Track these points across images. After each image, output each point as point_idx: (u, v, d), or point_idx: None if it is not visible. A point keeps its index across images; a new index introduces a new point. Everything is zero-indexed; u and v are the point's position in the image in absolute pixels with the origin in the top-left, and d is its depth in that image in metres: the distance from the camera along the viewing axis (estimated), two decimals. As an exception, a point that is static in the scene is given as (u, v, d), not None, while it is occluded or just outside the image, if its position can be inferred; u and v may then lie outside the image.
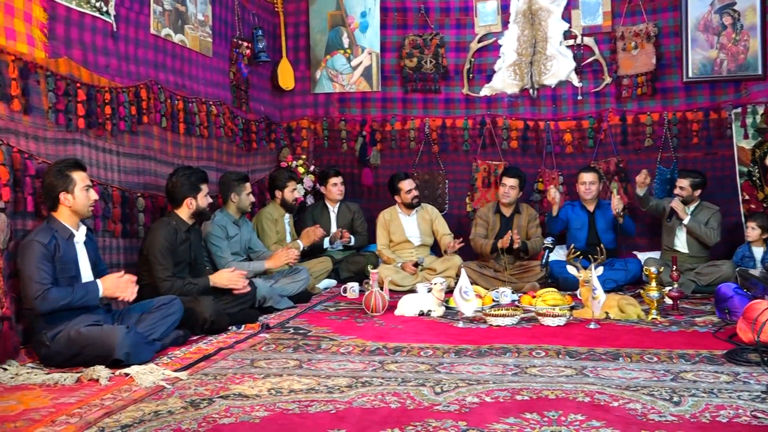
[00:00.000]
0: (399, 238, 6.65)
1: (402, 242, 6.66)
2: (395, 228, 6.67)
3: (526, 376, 3.37)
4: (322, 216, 6.96)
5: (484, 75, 7.40)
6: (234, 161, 6.53)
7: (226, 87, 6.51)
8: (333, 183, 6.94)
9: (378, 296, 5.17)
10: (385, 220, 6.72)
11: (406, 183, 6.63)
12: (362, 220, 7.06)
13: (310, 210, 7.07)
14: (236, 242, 5.57)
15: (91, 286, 3.85)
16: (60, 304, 3.69)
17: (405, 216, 6.70)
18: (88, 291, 3.82)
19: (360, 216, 7.06)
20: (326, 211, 7.02)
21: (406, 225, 6.69)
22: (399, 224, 6.68)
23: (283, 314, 5.19)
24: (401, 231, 6.66)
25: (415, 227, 6.70)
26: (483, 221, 6.60)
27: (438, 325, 4.76)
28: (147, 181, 5.14)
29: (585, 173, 6.47)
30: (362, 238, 6.99)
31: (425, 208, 6.79)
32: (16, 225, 3.86)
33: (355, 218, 7.03)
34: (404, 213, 6.70)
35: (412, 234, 6.68)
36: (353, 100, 7.70)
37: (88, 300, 3.80)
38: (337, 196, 6.97)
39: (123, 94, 4.87)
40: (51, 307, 3.67)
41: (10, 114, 3.88)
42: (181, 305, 4.22)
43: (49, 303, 3.66)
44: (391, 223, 6.69)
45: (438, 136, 7.48)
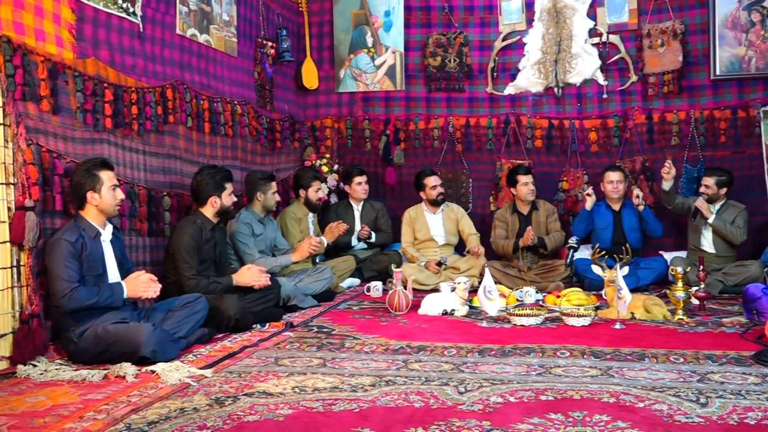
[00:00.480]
0: (423, 236, 6.65)
1: (426, 240, 6.65)
2: (420, 226, 6.67)
3: (550, 377, 3.35)
4: (346, 214, 6.97)
5: (509, 73, 7.37)
6: (258, 160, 6.57)
7: (251, 87, 6.54)
8: (357, 182, 6.96)
9: (401, 295, 5.17)
10: (410, 218, 6.71)
11: (432, 179, 6.64)
12: (386, 218, 7.07)
13: (334, 208, 7.09)
14: (261, 240, 5.60)
15: (117, 287, 3.89)
16: (86, 304, 3.74)
17: (430, 214, 6.70)
18: (113, 292, 3.86)
19: (384, 214, 7.07)
20: (350, 209, 7.04)
21: (431, 223, 6.68)
22: (424, 222, 6.68)
23: (307, 313, 5.21)
24: (426, 229, 6.66)
25: (440, 226, 6.69)
26: (502, 222, 6.57)
27: (462, 324, 4.75)
28: (173, 180, 5.19)
29: (612, 172, 6.42)
30: (386, 236, 6.99)
31: (451, 207, 6.78)
32: (44, 223, 3.91)
33: (379, 216, 7.03)
34: (430, 211, 6.70)
35: (436, 232, 6.67)
36: (377, 99, 7.70)
37: (113, 301, 3.85)
38: (362, 195, 6.98)
39: (149, 94, 4.92)
40: (77, 305, 3.72)
41: (39, 114, 3.93)
42: (206, 303, 4.26)
43: (75, 302, 3.71)
44: (417, 221, 6.68)
45: (462, 135, 7.46)
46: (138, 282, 3.96)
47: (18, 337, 3.67)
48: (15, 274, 3.71)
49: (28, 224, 3.71)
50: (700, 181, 6.33)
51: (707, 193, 6.10)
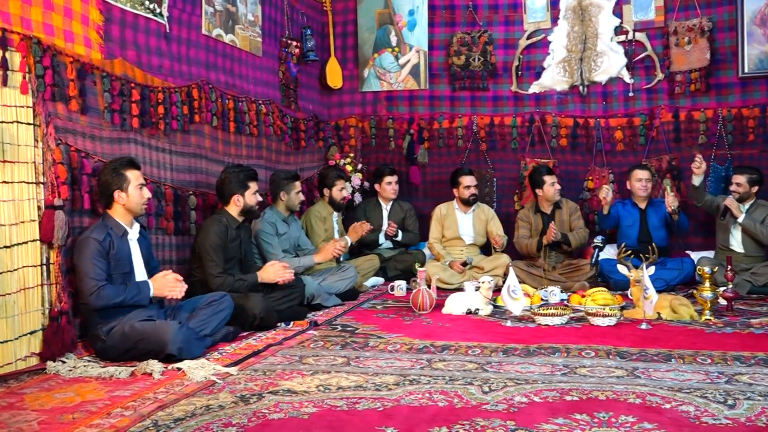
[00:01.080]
0: (452, 234, 6.64)
1: (454, 239, 6.65)
2: (450, 223, 6.66)
3: (575, 377, 3.33)
4: (374, 213, 6.99)
5: (533, 72, 7.34)
6: (283, 159, 6.60)
7: (276, 86, 6.57)
8: (388, 181, 6.97)
9: (425, 294, 5.17)
10: (441, 214, 6.71)
11: (467, 179, 6.63)
12: (413, 219, 7.07)
13: (362, 207, 7.10)
14: (285, 240, 5.62)
15: (143, 286, 3.94)
16: (113, 302, 3.78)
17: (461, 213, 6.69)
18: (140, 290, 3.90)
19: (412, 215, 7.07)
20: (379, 208, 7.05)
21: (461, 221, 6.67)
22: (454, 220, 6.67)
23: (331, 312, 5.22)
24: (455, 227, 6.65)
25: (469, 225, 6.68)
26: (525, 222, 6.54)
27: (486, 323, 4.74)
28: (198, 179, 5.23)
29: (639, 170, 6.36)
30: (412, 237, 6.99)
31: (482, 208, 6.77)
32: (73, 222, 3.96)
33: (407, 216, 7.04)
34: (461, 209, 6.69)
35: (465, 232, 6.66)
36: (401, 99, 7.71)
37: (140, 299, 3.89)
38: (391, 194, 6.99)
39: (175, 94, 4.96)
40: (104, 303, 3.76)
41: (68, 114, 3.99)
42: (232, 301, 4.29)
43: (102, 300, 3.75)
44: (447, 218, 6.68)
45: (486, 134, 7.44)
46: (165, 281, 4.00)
47: (47, 334, 3.73)
48: (44, 272, 3.77)
49: (57, 223, 3.77)
50: (728, 181, 6.26)
51: (738, 192, 6.02)
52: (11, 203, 3.59)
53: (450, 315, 5.05)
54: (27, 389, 3.29)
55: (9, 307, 3.55)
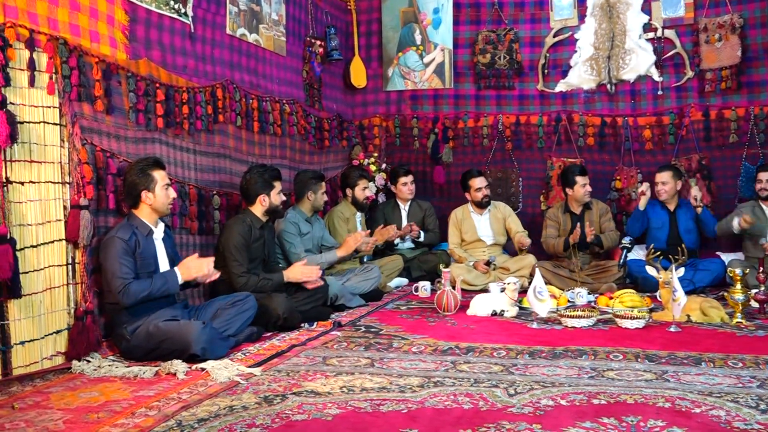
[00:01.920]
0: (471, 237, 6.62)
1: (474, 241, 6.62)
2: (467, 227, 6.63)
3: (603, 380, 3.30)
4: (393, 214, 6.99)
5: (560, 70, 7.29)
6: (306, 159, 6.62)
7: (299, 86, 6.60)
8: (403, 182, 6.96)
9: (450, 295, 5.16)
10: (457, 219, 6.69)
11: (477, 180, 6.59)
12: (434, 218, 7.05)
13: (381, 208, 7.11)
14: (308, 239, 5.64)
15: (170, 275, 3.97)
16: (141, 296, 3.82)
17: (477, 215, 6.66)
18: (167, 279, 3.93)
19: (431, 213, 7.06)
20: (397, 209, 7.05)
21: (478, 224, 6.64)
22: (471, 223, 6.64)
23: (355, 312, 5.23)
24: (473, 230, 6.62)
25: (487, 226, 6.65)
26: (553, 222, 6.50)
27: (511, 325, 4.72)
28: (222, 179, 5.26)
29: (659, 172, 6.29)
30: (433, 236, 6.98)
31: (497, 207, 6.74)
32: (98, 222, 4.01)
33: (427, 216, 7.03)
34: (476, 212, 6.66)
35: (484, 233, 6.64)
36: (425, 98, 7.70)
37: (168, 288, 3.92)
38: (407, 195, 6.99)
39: (200, 94, 5.00)
40: (133, 299, 3.80)
41: (93, 114, 4.03)
42: (255, 302, 4.31)
43: (131, 296, 3.79)
44: (463, 222, 6.65)
45: (512, 133, 7.41)
46: (190, 264, 4.02)
47: (73, 334, 3.77)
48: (70, 272, 3.81)
49: (83, 222, 3.81)
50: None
51: (766, 189, 5.94)
52: (38, 203, 3.64)
53: (475, 316, 5.04)
54: (53, 388, 3.33)
55: (35, 307, 3.60)
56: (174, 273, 3.98)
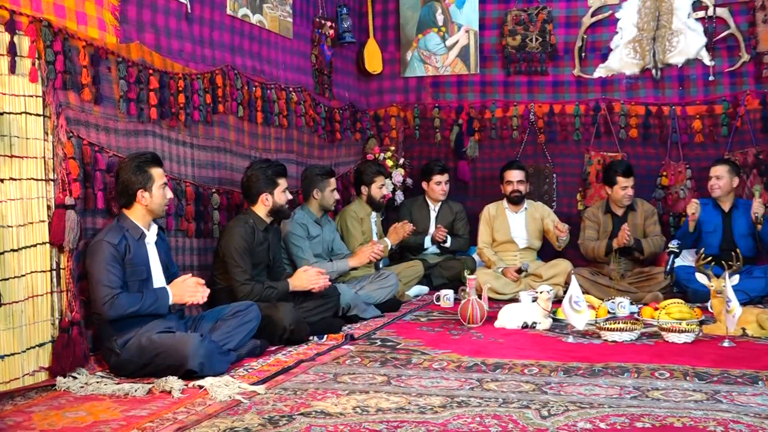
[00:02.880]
0: (503, 237, 6.61)
1: (505, 242, 6.61)
2: (500, 225, 6.63)
3: (647, 401, 3.29)
4: (420, 214, 6.99)
5: (599, 54, 7.26)
6: (316, 153, 6.64)
7: (308, 71, 6.61)
8: (437, 181, 6.96)
9: (475, 305, 5.15)
10: (489, 215, 6.68)
11: (512, 173, 6.58)
12: (464, 223, 7.05)
13: (408, 206, 7.11)
14: (318, 243, 5.65)
15: (161, 293, 3.99)
16: (128, 311, 3.84)
17: (512, 213, 6.66)
18: (158, 297, 3.95)
19: (462, 218, 7.06)
20: (426, 209, 7.05)
21: (512, 223, 6.63)
22: (504, 221, 6.63)
23: (369, 324, 5.24)
24: (506, 229, 6.61)
25: (522, 227, 6.63)
26: (593, 222, 6.47)
27: (544, 339, 4.71)
28: (222, 176, 5.29)
29: (713, 166, 6.24)
30: (461, 242, 6.97)
31: (535, 206, 6.72)
32: (85, 223, 4.03)
33: (457, 219, 7.02)
34: (511, 209, 6.65)
35: (518, 234, 6.62)
36: (448, 85, 7.69)
37: (158, 307, 3.94)
38: (440, 195, 6.98)
39: (197, 81, 5.02)
40: (119, 313, 3.82)
41: (80, 104, 4.05)
42: (259, 312, 4.32)
43: (117, 309, 3.81)
44: (496, 220, 6.65)
45: (545, 124, 7.39)
46: (184, 287, 4.04)
47: (57, 347, 3.80)
48: (54, 278, 3.84)
49: (69, 224, 3.83)
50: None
51: None
52: (19, 202, 3.66)
53: (503, 329, 5.03)
54: (35, 407, 3.36)
55: (16, 317, 3.63)
56: (166, 292, 3.99)
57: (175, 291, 4.02)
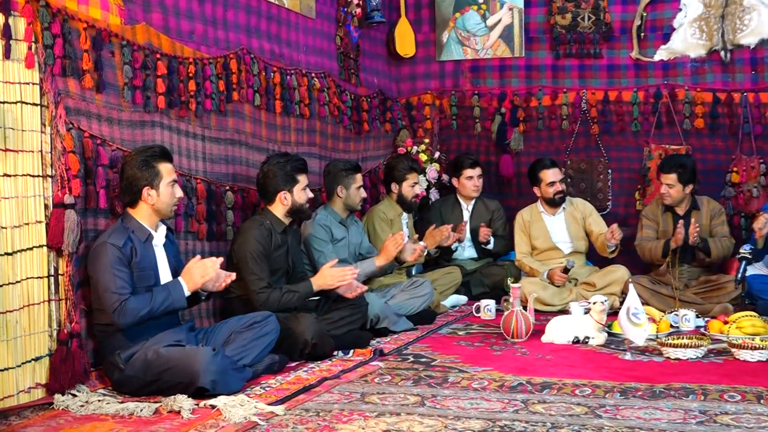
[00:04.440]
0: (544, 244, 6.57)
1: (548, 249, 6.57)
2: (538, 231, 6.59)
3: (715, 426, 3.27)
4: (452, 214, 6.99)
5: (660, 34, 7.22)
6: (341, 146, 6.66)
7: (332, 55, 6.63)
8: (468, 176, 6.96)
9: (520, 317, 5.14)
10: (523, 222, 6.65)
11: (550, 173, 6.53)
12: (503, 221, 7.04)
13: (437, 206, 7.11)
14: (343, 247, 5.66)
15: (173, 285, 4.01)
16: (141, 314, 3.87)
17: (549, 216, 6.61)
18: (170, 292, 3.98)
19: (500, 216, 7.04)
20: (458, 208, 7.05)
21: (551, 227, 6.59)
22: (542, 226, 6.60)
23: (401, 338, 5.25)
24: (545, 235, 6.57)
25: (563, 229, 6.59)
26: (651, 222, 6.42)
27: (598, 355, 4.69)
28: (237, 172, 5.32)
29: None
30: (502, 244, 6.96)
31: (574, 204, 6.67)
32: (86, 224, 4.07)
33: (494, 219, 7.01)
34: (547, 212, 6.61)
35: (560, 238, 6.58)
36: (489, 69, 7.68)
37: (173, 303, 3.97)
38: (472, 192, 6.98)
39: (209, 66, 5.05)
40: (132, 319, 3.85)
41: (81, 92, 4.09)
42: (278, 324, 4.34)
43: (129, 315, 3.84)
44: (532, 226, 6.61)
45: (599, 113, 7.35)
46: (195, 268, 4.04)
47: (55, 361, 3.83)
48: (52, 285, 3.88)
49: (68, 225, 3.87)
50: None
51: None
52: (14, 201, 3.71)
53: (552, 344, 5.02)
54: (30, 428, 3.41)
55: (10, 328, 3.67)
56: (178, 283, 4.02)
57: (185, 278, 4.03)
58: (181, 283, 4.02)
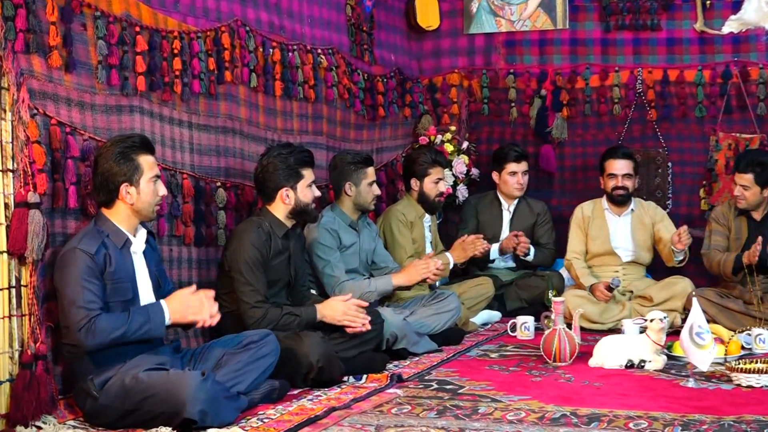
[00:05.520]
0: (601, 248, 6.55)
1: (604, 254, 6.55)
2: (597, 231, 6.57)
3: (795, 467, 3.27)
4: (490, 215, 6.98)
5: (729, 2, 7.20)
6: (351, 135, 6.67)
7: (342, 28, 6.63)
8: (511, 171, 6.96)
9: (564, 337, 5.13)
10: (583, 217, 6.63)
11: (617, 164, 6.49)
12: (549, 228, 7.04)
13: (473, 204, 7.10)
14: (353, 255, 5.65)
15: (154, 310, 4.00)
16: (112, 337, 3.86)
17: (613, 215, 6.60)
18: (149, 316, 3.97)
19: (546, 221, 7.04)
20: (497, 208, 7.05)
21: (613, 229, 6.57)
22: (603, 225, 6.58)
23: (423, 361, 5.26)
24: (605, 236, 6.55)
25: (626, 233, 6.57)
26: (721, 227, 6.39)
27: (656, 382, 4.69)
28: (230, 165, 5.34)
29: None
30: (545, 255, 6.96)
31: (644, 207, 6.64)
32: (53, 227, 4.07)
33: (539, 223, 7.01)
34: (612, 210, 6.59)
35: (621, 244, 6.56)
36: (527, 44, 7.69)
37: (150, 329, 3.96)
38: (516, 191, 6.98)
39: (198, 41, 5.06)
40: (101, 340, 3.84)
41: (47, 72, 4.08)
42: (278, 344, 4.34)
43: (97, 336, 3.83)
44: (592, 223, 6.59)
45: (656, 95, 7.35)
46: (186, 301, 4.04)
47: (17, 387, 3.82)
48: (14, 298, 3.87)
49: (32, 227, 3.87)
50: None
51: None
52: (-31, 200, 3.73)
53: (601, 369, 5.02)
54: (-11, 465, 3.43)
55: (-35, 348, 3.69)
56: (160, 309, 4.00)
57: (173, 306, 4.01)
58: (164, 308, 4.01)
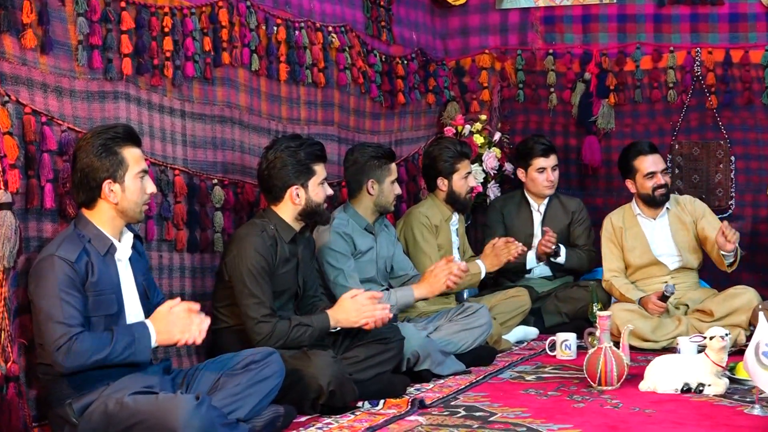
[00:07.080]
0: (641, 259, 6.52)
1: (648, 265, 6.52)
2: (633, 240, 6.54)
3: None
4: (518, 217, 6.98)
5: (802, -29, 7.20)
6: (367, 125, 6.67)
7: (356, 3, 6.64)
8: (539, 167, 6.95)
9: (611, 357, 5.13)
10: (614, 229, 6.59)
11: (650, 160, 6.46)
12: (586, 227, 7.02)
13: (498, 206, 7.10)
14: (370, 262, 5.66)
15: (140, 330, 3.99)
16: (93, 359, 3.86)
17: (647, 220, 6.57)
18: (134, 338, 3.96)
19: (583, 220, 7.03)
20: (526, 209, 7.04)
21: (651, 235, 6.54)
22: (639, 233, 6.55)
23: (448, 384, 5.26)
24: (644, 245, 6.53)
25: (667, 237, 6.54)
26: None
27: (716, 409, 4.67)
28: (228, 160, 5.35)
29: None
30: (581, 257, 6.94)
31: (680, 203, 6.59)
32: (27, 230, 4.09)
33: (575, 223, 7.00)
34: (645, 214, 6.56)
35: (664, 250, 6.53)
36: (568, 21, 7.69)
37: (136, 352, 3.96)
38: (545, 189, 6.97)
39: (191, 18, 5.07)
40: (80, 363, 3.85)
41: (21, 53, 4.09)
42: (282, 364, 4.35)
43: (77, 357, 3.82)
44: (626, 234, 6.56)
45: (718, 79, 7.33)
46: (172, 318, 4.03)
47: (-14, 413, 3.88)
48: (-17, 312, 3.92)
49: (3, 231, 3.88)
50: None
51: None
52: (-68, 199, 3.75)
53: (654, 393, 5.01)
54: (-45, 502, 3.45)
55: (-73, 368, 3.71)
56: (146, 330, 3.99)
57: (158, 326, 4.00)
58: (150, 329, 3.99)
